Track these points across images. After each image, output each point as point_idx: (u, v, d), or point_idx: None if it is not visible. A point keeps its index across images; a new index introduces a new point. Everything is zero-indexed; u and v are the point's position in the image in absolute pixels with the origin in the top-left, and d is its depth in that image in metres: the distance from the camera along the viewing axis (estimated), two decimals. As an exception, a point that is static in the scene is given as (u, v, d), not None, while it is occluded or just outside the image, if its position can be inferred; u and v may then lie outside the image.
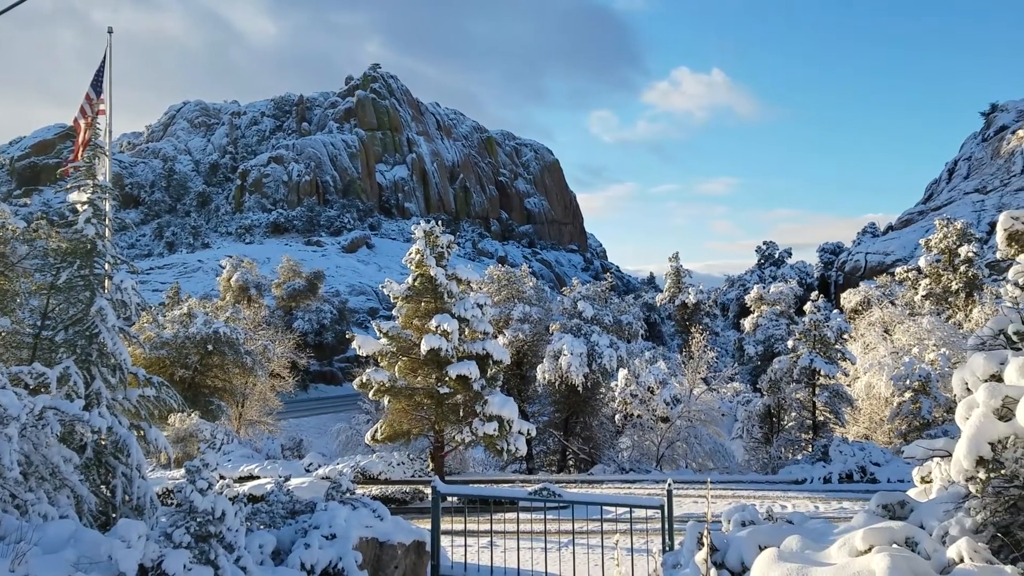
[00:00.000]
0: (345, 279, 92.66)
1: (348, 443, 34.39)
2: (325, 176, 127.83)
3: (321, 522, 9.97)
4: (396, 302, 24.55)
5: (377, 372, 23.81)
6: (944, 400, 27.65)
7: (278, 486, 11.14)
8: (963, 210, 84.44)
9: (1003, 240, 6.57)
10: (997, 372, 6.14)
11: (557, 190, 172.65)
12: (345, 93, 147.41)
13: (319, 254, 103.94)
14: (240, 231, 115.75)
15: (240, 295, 58.92)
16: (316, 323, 65.80)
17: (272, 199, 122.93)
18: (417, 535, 11.00)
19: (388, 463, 24.56)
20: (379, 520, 10.77)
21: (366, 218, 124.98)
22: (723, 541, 7.40)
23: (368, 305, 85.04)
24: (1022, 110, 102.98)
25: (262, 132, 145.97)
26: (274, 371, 40.22)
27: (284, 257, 70.96)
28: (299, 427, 43.00)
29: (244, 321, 41.38)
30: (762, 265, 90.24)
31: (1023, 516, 6.40)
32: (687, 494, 20.78)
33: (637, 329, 36.69)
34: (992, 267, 46.37)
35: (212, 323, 35.17)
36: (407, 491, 21.90)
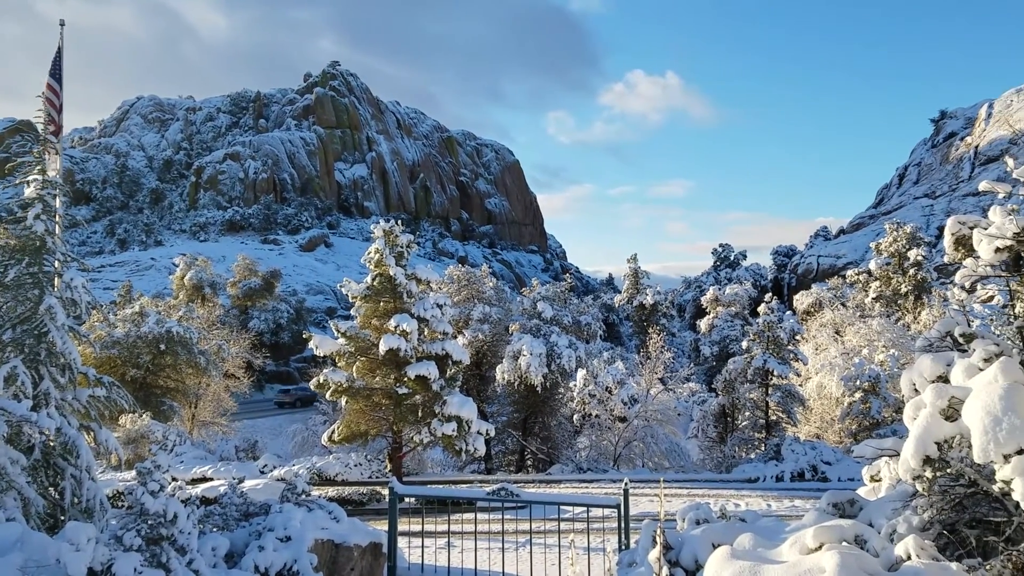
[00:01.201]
0: (303, 278, 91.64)
1: (304, 444, 34.03)
2: (283, 174, 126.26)
3: (276, 524, 9.86)
4: (355, 302, 24.36)
5: (335, 372, 23.59)
6: (893, 400, 28.33)
7: (232, 488, 10.99)
8: (913, 214, 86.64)
9: (950, 244, 6.75)
10: (944, 373, 6.32)
11: (518, 191, 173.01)
12: (303, 90, 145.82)
13: (276, 253, 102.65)
14: (194, 229, 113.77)
15: (194, 294, 57.92)
16: (272, 323, 64.99)
17: (228, 196, 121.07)
18: (374, 536, 10.95)
19: (345, 464, 24.35)
20: (335, 522, 10.70)
21: (324, 217, 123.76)
22: (678, 539, 7.50)
23: (326, 305, 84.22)
24: (970, 117, 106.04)
25: (218, 128, 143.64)
26: (228, 371, 39.61)
27: (240, 255, 69.96)
28: (254, 428, 42.38)
29: (198, 320, 40.69)
30: (718, 267, 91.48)
31: (968, 514, 6.60)
32: (643, 493, 20.98)
33: (596, 330, 36.96)
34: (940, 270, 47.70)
35: (165, 322, 34.51)
36: (364, 492, 21.73)
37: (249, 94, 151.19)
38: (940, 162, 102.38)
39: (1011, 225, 6.06)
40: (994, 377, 5.34)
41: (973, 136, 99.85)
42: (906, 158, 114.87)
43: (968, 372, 5.83)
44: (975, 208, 76.19)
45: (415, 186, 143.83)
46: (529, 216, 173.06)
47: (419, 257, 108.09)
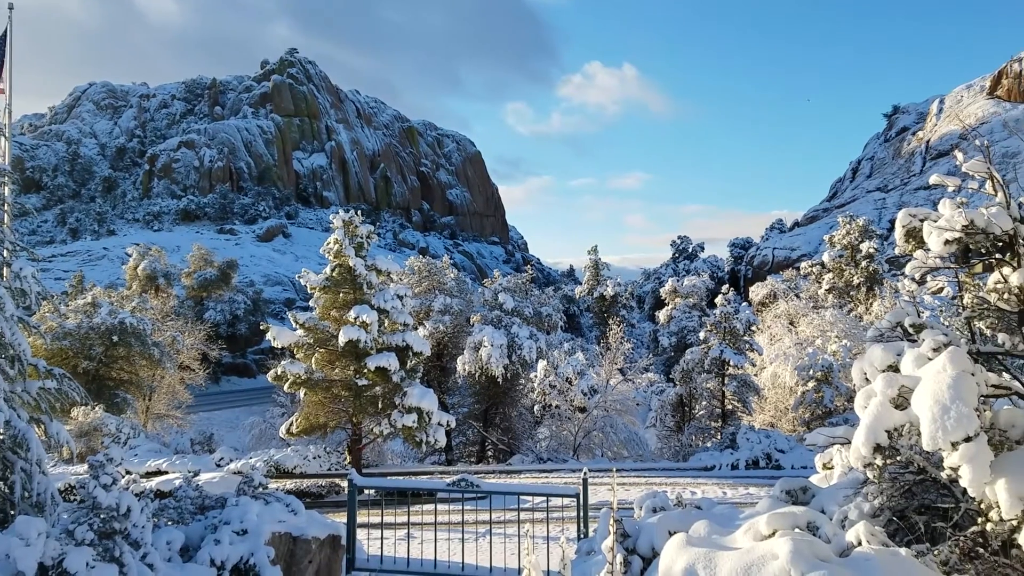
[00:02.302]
0: (260, 269, 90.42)
1: (262, 437, 33.66)
2: (239, 162, 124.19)
3: (232, 517, 9.76)
4: (313, 293, 24.10)
5: (293, 364, 23.33)
6: (845, 389, 28.96)
7: (187, 481, 10.84)
8: (865, 208, 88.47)
9: (901, 237, 6.90)
10: (894, 363, 6.47)
11: (479, 182, 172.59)
12: (260, 77, 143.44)
13: (232, 243, 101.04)
14: (148, 218, 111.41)
15: (148, 284, 56.83)
16: (229, 314, 64.02)
17: (182, 185, 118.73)
18: (332, 529, 10.88)
19: (304, 457, 24.14)
20: (293, 515, 10.61)
21: (283, 206, 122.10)
22: (635, 527, 7.59)
23: (284, 296, 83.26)
24: (922, 112, 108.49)
25: (172, 116, 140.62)
26: (183, 363, 38.97)
27: (195, 245, 68.68)
28: (210, 421, 41.84)
29: (152, 311, 39.93)
30: (676, 259, 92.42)
31: (917, 500, 6.79)
32: (603, 482, 21.16)
33: (557, 321, 37.11)
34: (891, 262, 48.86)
35: (118, 313, 33.80)
36: (323, 485, 21.60)
37: (204, 81, 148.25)
38: (892, 156, 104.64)
39: (960, 218, 6.21)
40: (943, 367, 5.47)
41: (925, 131, 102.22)
42: (859, 152, 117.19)
43: (918, 362, 5.97)
44: (926, 201, 78.05)
45: (375, 176, 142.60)
46: (491, 207, 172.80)
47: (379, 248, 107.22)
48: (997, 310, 6.39)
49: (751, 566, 5.57)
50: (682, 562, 6.02)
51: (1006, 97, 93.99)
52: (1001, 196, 6.42)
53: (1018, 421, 5.85)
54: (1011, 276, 6.14)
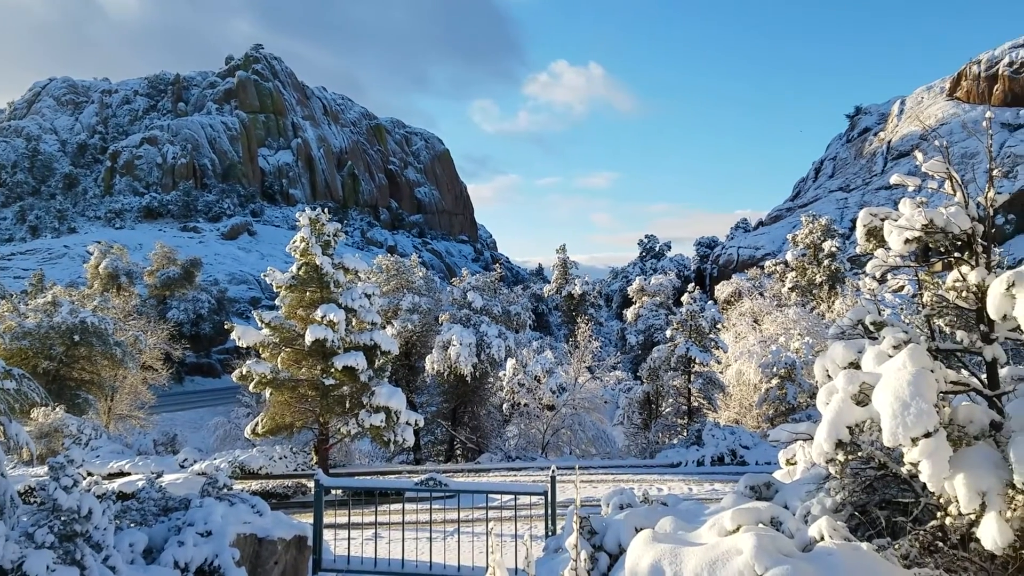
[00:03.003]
0: (224, 267, 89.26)
1: (226, 437, 33.27)
2: (203, 159, 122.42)
3: (196, 519, 9.64)
4: (279, 291, 23.84)
5: (258, 364, 23.06)
6: (808, 386, 29.40)
7: (150, 482, 10.68)
8: (828, 207, 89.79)
9: (862, 236, 7.01)
10: (855, 360, 6.57)
11: (448, 180, 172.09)
12: (225, 73, 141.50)
13: (196, 241, 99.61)
14: (110, 215, 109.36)
15: (109, 283, 55.81)
16: (192, 313, 63.12)
17: (145, 182, 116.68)
18: (298, 530, 10.79)
19: (269, 457, 23.90)
20: (258, 516, 10.49)
21: (248, 204, 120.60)
22: (602, 524, 7.63)
23: (249, 294, 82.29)
24: (884, 113, 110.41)
25: (135, 112, 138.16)
26: (146, 363, 38.36)
27: (158, 243, 67.58)
28: (173, 421, 41.25)
29: (114, 310, 39.23)
30: (644, 258, 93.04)
31: (879, 495, 6.91)
32: (571, 480, 21.21)
33: (525, 319, 37.17)
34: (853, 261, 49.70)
35: (79, 312, 33.15)
36: (289, 485, 21.40)
37: (168, 76, 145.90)
38: (854, 156, 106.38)
39: (920, 217, 6.33)
40: (903, 363, 5.57)
41: (886, 131, 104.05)
42: (822, 152, 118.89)
43: (878, 359, 6.07)
44: (887, 201, 79.47)
45: (343, 174, 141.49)
46: (459, 206, 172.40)
47: (347, 246, 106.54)
48: (956, 308, 6.53)
49: (716, 561, 5.63)
50: (648, 558, 6.06)
51: (965, 99, 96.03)
52: (960, 196, 6.55)
53: (976, 417, 5.98)
54: (969, 274, 6.27)
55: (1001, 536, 5.12)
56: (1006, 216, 72.96)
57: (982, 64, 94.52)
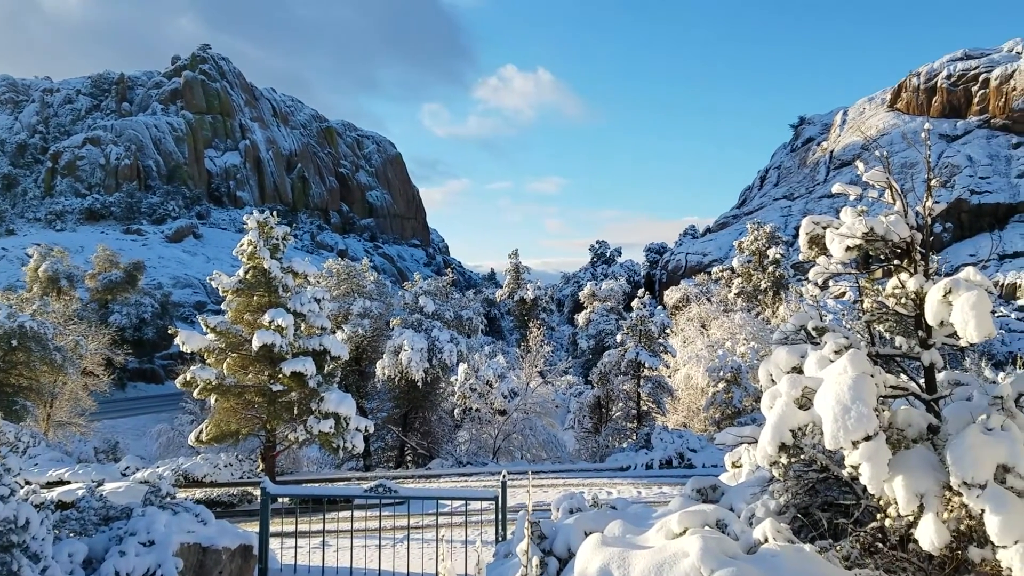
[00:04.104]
0: (169, 271, 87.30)
1: (170, 445, 32.55)
2: (147, 160, 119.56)
3: (138, 528, 9.40)
4: (226, 296, 23.39)
5: (203, 369, 22.58)
6: (753, 390, 29.95)
7: (90, 491, 10.38)
8: (772, 215, 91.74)
9: (805, 243, 7.16)
10: (798, 364, 6.70)
11: (400, 184, 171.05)
12: (171, 73, 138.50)
13: (140, 244, 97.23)
14: (50, 217, 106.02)
15: (49, 286, 54.15)
16: (135, 317, 61.59)
17: (87, 183, 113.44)
18: (244, 538, 10.59)
19: (214, 465, 23.40)
20: (202, 524, 10.28)
21: (193, 206, 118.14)
22: (552, 529, 7.64)
23: (195, 299, 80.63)
24: (827, 123, 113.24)
25: (77, 111, 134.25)
26: (87, 369, 37.24)
27: (100, 246, 65.82)
28: (115, 429, 40.13)
29: (53, 315, 38.02)
30: (595, 263, 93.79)
31: (821, 498, 7.05)
32: (522, 485, 21.25)
33: (477, 324, 37.13)
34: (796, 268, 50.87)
35: (16, 316, 32.00)
36: (235, 494, 20.98)
37: (112, 76, 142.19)
38: (798, 165, 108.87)
39: (860, 225, 6.48)
40: (843, 368, 5.69)
41: (829, 141, 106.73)
42: (767, 161, 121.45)
43: (820, 363, 6.19)
44: (829, 209, 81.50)
45: (292, 176, 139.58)
46: (412, 210, 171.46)
47: (296, 250, 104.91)
48: (895, 314, 6.70)
49: (663, 564, 5.68)
50: (597, 562, 6.08)
51: (905, 110, 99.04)
52: (899, 205, 6.73)
53: (915, 421, 6.13)
54: (908, 281, 6.44)
55: (938, 537, 5.26)
56: (944, 224, 75.46)
57: (922, 76, 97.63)
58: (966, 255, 69.31)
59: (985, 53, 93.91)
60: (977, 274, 5.75)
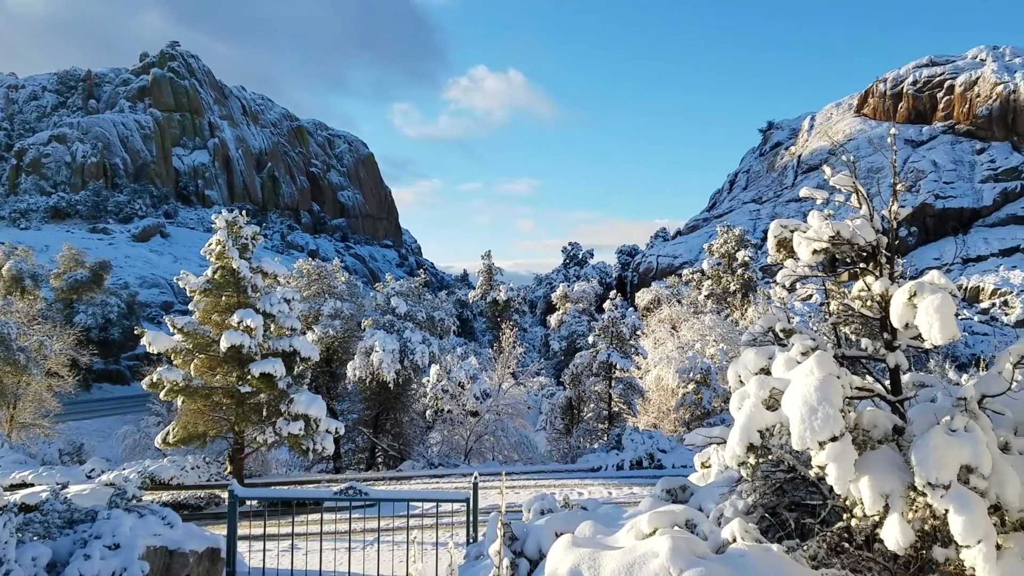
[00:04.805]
0: (136, 270, 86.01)
1: (136, 447, 32.07)
2: (114, 158, 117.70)
3: (103, 531, 9.26)
4: (193, 296, 23.08)
5: (170, 371, 22.26)
6: (722, 391, 30.22)
7: (54, 494, 10.20)
8: (742, 218, 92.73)
9: (773, 246, 7.23)
10: (766, 366, 6.77)
11: (372, 184, 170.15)
12: (139, 71, 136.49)
13: (106, 243, 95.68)
14: (14, 216, 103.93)
15: (12, 286, 53.11)
16: (101, 317, 60.59)
17: (53, 181, 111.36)
18: (211, 542, 10.47)
19: (181, 467, 23.08)
20: (169, 527, 10.14)
21: (161, 205, 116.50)
22: (523, 530, 7.64)
23: (162, 299, 79.51)
24: (795, 128, 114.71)
25: (43, 108, 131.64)
26: (51, 369, 36.56)
27: (65, 245, 64.62)
28: (80, 430, 39.49)
29: (17, 314, 37.33)
30: (567, 265, 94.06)
31: (788, 498, 7.13)
32: (493, 486, 21.24)
33: (449, 325, 37.06)
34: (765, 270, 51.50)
35: (-24, 316, 31.40)
36: (202, 496, 20.73)
37: (78, 72, 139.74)
38: (767, 170, 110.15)
39: (827, 229, 6.57)
40: (810, 370, 5.76)
41: (797, 146, 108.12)
42: (737, 165, 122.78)
43: (787, 365, 6.26)
44: (797, 213, 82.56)
45: (262, 175, 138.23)
46: (384, 210, 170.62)
47: (266, 250, 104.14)
48: (861, 316, 6.79)
49: (633, 564, 5.71)
50: (568, 563, 6.10)
51: (872, 115, 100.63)
52: (865, 209, 6.83)
53: (880, 421, 6.22)
54: (874, 284, 6.54)
55: (903, 536, 5.33)
56: (909, 228, 76.79)
57: (888, 83, 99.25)
58: (931, 259, 70.62)
59: (950, 60, 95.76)
60: (941, 277, 5.84)
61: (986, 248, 73.19)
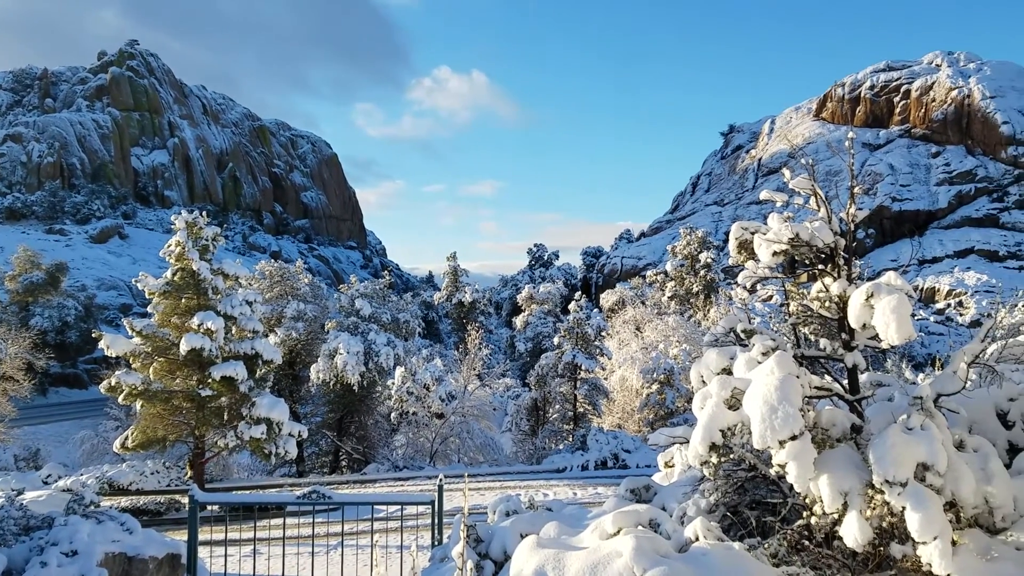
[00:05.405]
0: (93, 272, 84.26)
1: (94, 452, 31.42)
2: (72, 158, 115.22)
3: (60, 538, 9.07)
4: (153, 298, 22.69)
5: (129, 374, 21.85)
6: (686, 391, 30.53)
7: (9, 500, 9.97)
8: (704, 220, 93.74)
9: (734, 248, 7.32)
10: (728, 366, 6.84)
11: (336, 185, 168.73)
12: (98, 69, 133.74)
13: (63, 244, 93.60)
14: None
15: (-36, 288, 51.72)
16: (58, 320, 59.27)
17: (8, 182, 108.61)
18: (171, 547, 10.29)
19: (140, 472, 22.67)
20: (128, 533, 9.96)
21: (119, 206, 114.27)
22: (488, 532, 7.64)
23: (120, 301, 78.02)
24: (755, 132, 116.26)
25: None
26: (6, 373, 35.61)
27: (20, 246, 63.07)
28: (36, 435, 38.59)
29: (-32, 318, 36.34)
30: (533, 266, 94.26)
31: (749, 496, 7.22)
32: (459, 488, 21.19)
33: (415, 327, 36.90)
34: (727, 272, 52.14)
35: (-75, 320, 30.52)
36: (162, 502, 20.39)
37: (34, 71, 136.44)
38: (728, 172, 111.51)
39: (787, 231, 6.67)
40: (771, 370, 5.83)
41: (757, 149, 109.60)
42: (700, 168, 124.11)
43: (748, 365, 6.33)
44: (758, 215, 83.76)
45: (223, 176, 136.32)
46: (348, 211, 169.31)
47: (228, 251, 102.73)
48: (820, 317, 6.90)
49: (597, 565, 5.73)
50: (532, 564, 6.10)
51: (830, 119, 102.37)
52: (824, 211, 6.94)
53: (838, 420, 6.32)
54: (832, 285, 6.65)
55: (862, 534, 5.42)
56: (866, 231, 78.31)
57: (846, 87, 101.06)
58: (887, 260, 72.05)
59: (907, 65, 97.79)
60: (898, 278, 5.95)
61: (941, 250, 74.87)
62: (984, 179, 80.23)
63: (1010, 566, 5.43)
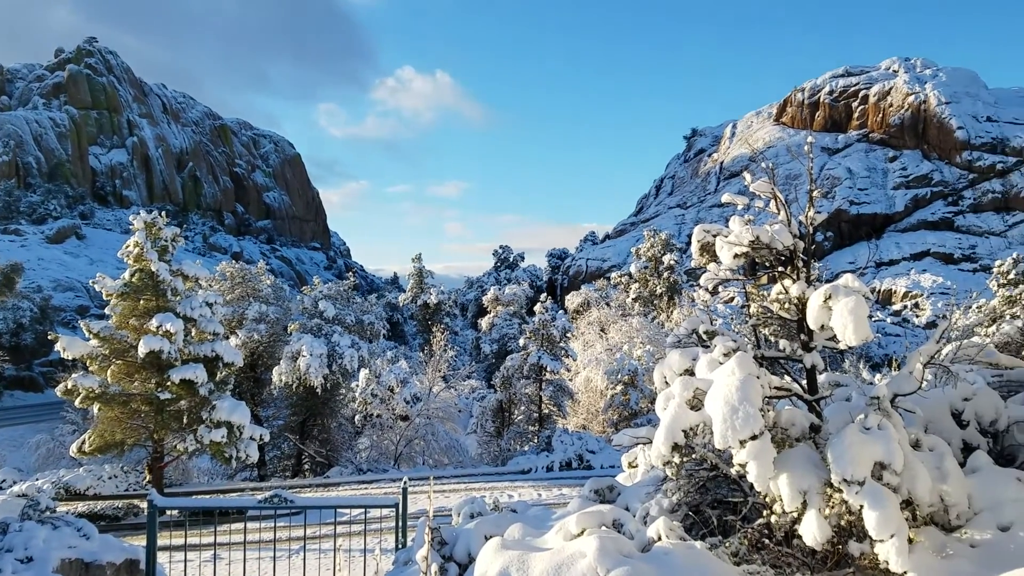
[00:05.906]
0: (49, 273, 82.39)
1: (50, 456, 30.71)
2: (27, 157, 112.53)
3: (15, 544, 8.87)
4: (110, 300, 22.24)
5: (85, 377, 21.39)
6: (649, 392, 30.77)
7: (-43, 510, 9.70)
8: (667, 223, 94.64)
9: (697, 250, 7.39)
10: (690, 367, 6.92)
11: (299, 185, 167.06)
12: (54, 66, 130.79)
13: (18, 244, 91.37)
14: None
15: (-88, 289, 50.23)
16: (12, 322, 57.89)
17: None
18: (130, 553, 10.11)
19: (98, 477, 22.22)
20: (85, 539, 9.76)
21: (76, 206, 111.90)
22: (452, 534, 7.62)
23: (77, 303, 76.42)
24: (717, 136, 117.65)
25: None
26: (-44, 378, 34.77)
27: (-29, 246, 61.60)
28: (-12, 441, 37.60)
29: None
30: (499, 268, 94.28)
31: (711, 495, 7.30)
32: (423, 490, 21.10)
33: (379, 329, 36.67)
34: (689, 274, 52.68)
35: None
36: (120, 507, 20.01)
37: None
38: (691, 175, 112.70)
39: (747, 234, 6.75)
40: (732, 370, 5.90)
41: (719, 153, 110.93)
42: (663, 171, 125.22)
43: (710, 366, 6.41)
44: (719, 218, 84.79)
45: (183, 175, 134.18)
46: (311, 212, 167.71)
47: (188, 252, 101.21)
48: (779, 318, 7.00)
49: (561, 565, 5.75)
50: (497, 566, 6.10)
51: (790, 124, 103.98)
52: (783, 214, 7.05)
53: (798, 420, 6.42)
54: (791, 287, 6.75)
55: (820, 532, 5.51)
56: (825, 233, 79.68)
57: (806, 92, 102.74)
58: (845, 263, 73.38)
59: (865, 70, 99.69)
60: (855, 281, 6.06)
61: (898, 252, 76.47)
62: (940, 183, 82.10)
63: (965, 563, 5.56)
